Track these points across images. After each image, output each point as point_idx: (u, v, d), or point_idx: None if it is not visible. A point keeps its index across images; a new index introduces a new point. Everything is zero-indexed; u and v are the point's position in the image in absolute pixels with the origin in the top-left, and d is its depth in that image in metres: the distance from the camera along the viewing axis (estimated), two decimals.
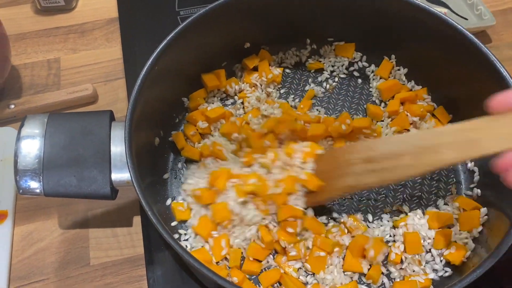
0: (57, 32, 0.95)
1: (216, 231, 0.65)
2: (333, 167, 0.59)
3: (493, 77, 0.65)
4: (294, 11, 0.78)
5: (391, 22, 0.75)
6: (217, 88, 0.80)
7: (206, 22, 0.71)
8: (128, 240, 0.70)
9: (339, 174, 0.57)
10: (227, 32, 0.77)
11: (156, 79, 0.67)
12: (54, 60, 0.91)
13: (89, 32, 0.95)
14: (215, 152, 0.71)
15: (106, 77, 0.88)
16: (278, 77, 0.81)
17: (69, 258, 0.69)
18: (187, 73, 0.77)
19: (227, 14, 0.73)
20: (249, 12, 0.75)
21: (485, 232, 0.64)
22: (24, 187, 0.57)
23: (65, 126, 0.61)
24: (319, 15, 0.79)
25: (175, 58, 0.70)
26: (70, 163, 0.59)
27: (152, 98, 0.70)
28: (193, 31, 0.70)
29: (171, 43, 0.67)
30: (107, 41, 0.93)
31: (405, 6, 0.72)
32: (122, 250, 0.70)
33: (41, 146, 0.59)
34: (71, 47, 0.93)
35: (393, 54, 0.81)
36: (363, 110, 0.79)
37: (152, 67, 0.66)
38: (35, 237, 0.70)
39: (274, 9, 0.77)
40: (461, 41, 0.68)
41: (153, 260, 0.67)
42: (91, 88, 0.84)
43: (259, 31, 0.80)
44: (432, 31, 0.72)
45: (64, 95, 0.83)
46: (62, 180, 0.58)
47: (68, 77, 0.88)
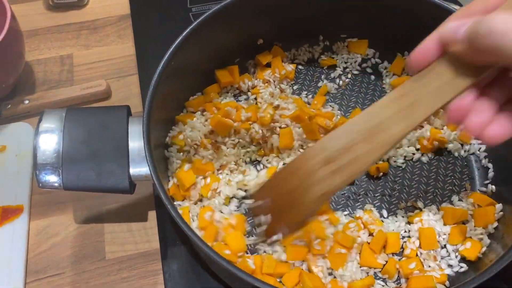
0: (69, 28, 0.95)
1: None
2: (295, 184, 0.52)
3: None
4: (307, 8, 0.78)
5: (404, 18, 0.75)
6: (231, 84, 0.80)
7: (220, 19, 0.71)
8: (143, 234, 0.71)
9: (304, 188, 0.51)
10: (240, 29, 0.77)
11: (172, 75, 0.68)
12: (66, 56, 0.91)
13: (101, 28, 0.95)
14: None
15: (119, 73, 0.89)
16: (291, 73, 0.81)
17: (84, 252, 0.69)
18: (200, 69, 0.77)
19: (240, 11, 0.73)
20: (262, 9, 0.76)
21: (500, 228, 0.64)
22: (44, 181, 0.58)
23: (83, 121, 0.62)
24: (331, 12, 0.79)
25: (190, 54, 0.70)
26: (88, 157, 0.60)
27: (167, 93, 0.70)
28: (207, 28, 0.70)
29: (187, 38, 0.67)
30: (119, 37, 0.94)
31: (417, 1, 0.72)
32: (137, 244, 0.70)
33: (59, 141, 0.59)
34: (84, 43, 0.93)
35: (406, 51, 0.81)
36: None
37: (169, 62, 0.66)
38: (50, 232, 0.71)
39: (286, 6, 0.77)
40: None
41: (168, 254, 0.68)
42: (105, 84, 0.84)
43: (271, 27, 0.80)
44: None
45: (78, 90, 0.84)
46: (81, 174, 0.58)
47: (81, 73, 0.89)
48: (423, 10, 0.72)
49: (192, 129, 0.72)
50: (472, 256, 0.63)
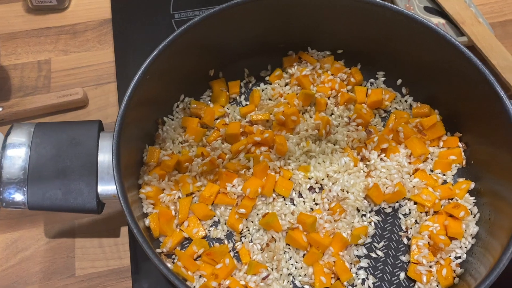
0: (49, 32, 0.93)
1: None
2: None
3: (489, 94, 0.65)
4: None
5: (385, 34, 0.75)
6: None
7: (191, 35, 0.70)
8: (115, 251, 0.69)
9: None
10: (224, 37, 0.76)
11: (147, 88, 0.66)
12: (44, 62, 0.89)
13: (81, 33, 0.93)
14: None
15: (97, 80, 0.87)
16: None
17: (54, 268, 0.68)
18: (177, 82, 0.75)
19: (224, 20, 0.72)
20: (252, 17, 0.74)
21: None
22: (8, 200, 0.56)
23: (52, 136, 0.60)
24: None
25: (166, 67, 0.69)
26: (56, 175, 0.58)
27: (143, 108, 0.69)
28: (179, 45, 0.68)
29: (162, 52, 0.66)
30: (99, 43, 0.92)
31: (398, 16, 0.71)
32: (108, 261, 0.68)
33: (26, 157, 0.58)
34: (63, 49, 0.91)
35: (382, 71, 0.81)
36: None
37: (144, 76, 0.65)
38: (19, 246, 0.69)
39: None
40: (455, 55, 0.68)
41: (139, 272, 0.66)
42: (82, 92, 0.82)
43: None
44: (426, 44, 0.71)
45: (54, 98, 0.82)
46: (48, 193, 0.57)
47: (58, 80, 0.87)
48: (404, 26, 0.71)
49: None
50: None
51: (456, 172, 0.73)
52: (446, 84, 0.74)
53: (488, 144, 0.69)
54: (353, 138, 0.74)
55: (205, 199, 0.68)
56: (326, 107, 0.78)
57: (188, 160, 0.71)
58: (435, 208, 0.69)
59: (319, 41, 0.82)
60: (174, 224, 0.67)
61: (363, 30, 0.77)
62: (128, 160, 0.64)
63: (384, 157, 0.73)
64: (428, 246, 0.66)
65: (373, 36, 0.77)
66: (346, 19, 0.76)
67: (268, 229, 0.67)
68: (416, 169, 0.72)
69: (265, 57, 0.83)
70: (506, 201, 0.62)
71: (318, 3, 0.74)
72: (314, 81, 0.80)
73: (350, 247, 0.66)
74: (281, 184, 0.70)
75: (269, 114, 0.76)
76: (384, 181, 0.70)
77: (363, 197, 0.70)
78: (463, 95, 0.71)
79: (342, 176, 0.72)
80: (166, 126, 0.75)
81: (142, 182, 0.68)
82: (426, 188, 0.70)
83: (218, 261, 0.64)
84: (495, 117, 0.65)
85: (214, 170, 0.71)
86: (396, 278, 0.66)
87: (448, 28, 0.90)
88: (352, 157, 0.73)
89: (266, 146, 0.73)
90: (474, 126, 0.72)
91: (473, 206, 0.69)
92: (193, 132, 0.74)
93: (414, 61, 0.76)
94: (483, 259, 0.62)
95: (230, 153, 0.73)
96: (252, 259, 0.65)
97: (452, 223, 0.67)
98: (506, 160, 0.63)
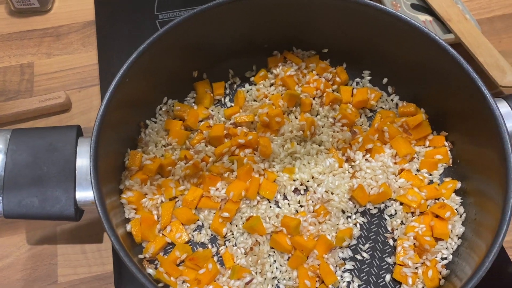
0: (31, 35, 0.92)
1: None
2: None
3: (474, 93, 0.64)
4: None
5: (370, 33, 0.74)
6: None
7: (172, 37, 0.69)
8: (97, 256, 0.68)
9: None
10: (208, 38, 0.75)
11: (128, 91, 0.65)
12: (27, 65, 0.88)
13: (64, 35, 0.92)
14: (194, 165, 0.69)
15: (80, 83, 0.86)
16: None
17: (36, 275, 0.67)
18: (160, 84, 0.74)
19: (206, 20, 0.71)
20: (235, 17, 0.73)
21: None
22: None
23: (28, 143, 0.59)
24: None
25: (148, 69, 0.68)
26: (32, 183, 0.57)
27: (124, 111, 0.68)
28: (159, 49, 0.68)
29: (142, 55, 0.65)
30: (83, 45, 0.91)
31: (382, 15, 0.70)
32: (91, 267, 0.68)
33: (2, 164, 0.57)
34: (46, 51, 0.90)
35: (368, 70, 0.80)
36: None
37: (123, 80, 0.64)
38: (0, 253, 0.68)
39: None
40: (440, 54, 0.67)
41: (122, 278, 0.65)
42: (64, 96, 0.81)
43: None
44: (411, 43, 0.70)
45: (36, 103, 0.80)
46: (24, 201, 0.56)
47: (41, 83, 0.86)
48: (388, 24, 0.70)
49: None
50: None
51: (442, 172, 0.72)
52: (432, 83, 0.73)
53: (474, 143, 0.68)
54: (338, 138, 0.73)
55: (188, 203, 0.67)
56: (311, 108, 0.77)
57: (171, 164, 0.70)
58: (421, 208, 0.68)
59: (304, 41, 0.81)
60: (157, 229, 0.66)
61: (348, 29, 0.76)
62: (108, 165, 0.63)
63: (369, 158, 0.72)
64: (414, 247, 0.65)
65: (358, 35, 0.76)
66: (331, 18, 0.75)
67: (252, 232, 0.66)
68: (402, 169, 0.71)
69: (250, 58, 0.82)
70: (491, 200, 0.62)
71: (302, 2, 0.73)
72: (299, 81, 0.79)
73: (335, 250, 0.66)
74: (265, 187, 0.69)
75: (253, 116, 0.75)
76: (369, 182, 0.69)
77: (348, 199, 0.69)
78: (448, 93, 0.70)
79: (327, 177, 0.71)
80: (149, 129, 0.74)
81: (123, 187, 0.67)
82: (412, 188, 0.69)
83: (201, 266, 0.63)
84: (480, 115, 0.64)
85: (197, 173, 0.70)
86: (382, 281, 0.65)
87: (435, 25, 0.89)
88: (337, 158, 0.72)
89: (250, 148, 0.72)
90: (460, 124, 0.71)
91: (459, 206, 0.69)
92: (176, 135, 0.73)
93: (400, 59, 0.75)
94: (469, 260, 0.62)
95: (214, 156, 0.72)
96: (235, 263, 0.65)
97: (438, 223, 0.66)
98: (492, 159, 0.62)
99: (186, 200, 0.67)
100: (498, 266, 0.67)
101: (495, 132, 0.61)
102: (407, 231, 0.66)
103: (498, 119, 0.61)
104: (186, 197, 0.67)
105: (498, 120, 0.61)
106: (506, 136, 0.60)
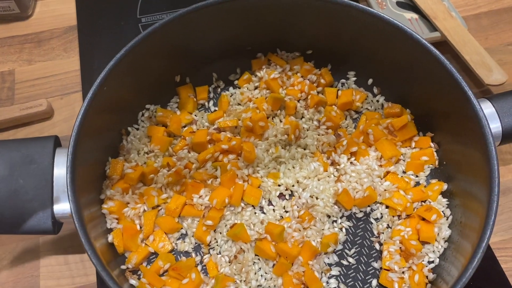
0: (12, 41, 0.90)
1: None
2: None
3: (458, 93, 0.63)
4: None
5: (354, 34, 0.73)
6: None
7: (151, 44, 0.67)
8: (81, 267, 0.67)
9: None
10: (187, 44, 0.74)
11: (108, 99, 0.64)
12: (8, 73, 0.86)
13: (46, 41, 0.90)
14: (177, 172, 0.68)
15: (63, 90, 0.85)
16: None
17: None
18: (142, 90, 0.73)
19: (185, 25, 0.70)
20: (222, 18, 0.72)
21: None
22: None
23: (4, 155, 0.58)
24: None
25: (128, 75, 0.67)
26: (8, 196, 0.56)
27: (104, 119, 0.67)
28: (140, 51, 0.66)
29: (120, 62, 0.64)
30: (64, 51, 0.89)
31: (364, 16, 0.69)
32: (74, 278, 0.67)
33: None
34: (27, 58, 0.88)
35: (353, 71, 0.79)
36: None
37: (100, 88, 0.62)
38: None
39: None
40: (423, 54, 0.66)
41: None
42: (45, 103, 0.80)
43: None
44: (395, 43, 0.69)
45: (17, 111, 0.79)
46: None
47: (23, 91, 0.84)
48: (369, 24, 0.69)
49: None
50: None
51: (429, 173, 0.72)
52: (417, 83, 0.72)
53: (460, 144, 0.67)
54: (323, 142, 0.72)
55: (171, 211, 0.66)
56: (296, 111, 0.76)
57: (153, 172, 0.69)
58: (407, 211, 0.67)
59: (288, 42, 0.80)
60: (139, 238, 0.65)
61: (332, 30, 0.75)
62: (88, 175, 0.62)
63: (354, 161, 0.71)
64: (400, 251, 0.64)
65: (342, 35, 0.75)
66: (314, 19, 0.74)
67: (236, 240, 0.65)
68: (388, 172, 0.71)
69: (234, 60, 0.81)
70: (476, 201, 0.61)
71: (285, 4, 0.72)
72: (284, 84, 0.78)
73: (320, 256, 0.65)
74: (249, 193, 0.69)
75: (237, 120, 0.74)
76: (354, 185, 0.69)
77: (333, 203, 0.68)
78: (433, 94, 0.69)
79: (312, 181, 0.70)
80: (131, 136, 0.73)
81: (104, 197, 0.66)
82: (398, 191, 0.69)
83: (184, 276, 0.62)
84: (465, 117, 0.63)
85: (180, 181, 0.69)
86: (368, 286, 0.64)
87: (421, 23, 0.88)
88: (322, 162, 0.71)
89: (234, 154, 0.71)
90: (446, 125, 0.70)
91: (445, 208, 0.68)
92: (159, 142, 0.72)
93: (385, 60, 0.74)
94: (456, 263, 0.61)
95: (197, 162, 0.71)
96: (219, 272, 0.64)
97: (424, 226, 0.66)
98: (476, 159, 0.62)
99: (169, 208, 0.66)
100: (486, 268, 0.67)
101: (479, 133, 0.60)
102: (393, 235, 0.66)
103: (481, 120, 0.60)
104: (169, 205, 0.66)
105: (482, 122, 0.60)
106: (490, 137, 0.59)
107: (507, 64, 0.86)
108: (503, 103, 0.66)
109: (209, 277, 0.64)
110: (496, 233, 0.71)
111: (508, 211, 0.73)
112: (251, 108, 0.75)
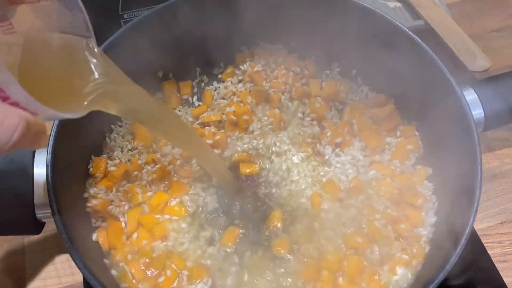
0: None
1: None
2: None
3: (441, 81, 0.63)
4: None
5: (336, 24, 0.72)
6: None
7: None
8: (67, 267, 0.67)
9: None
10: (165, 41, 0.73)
11: None
12: None
13: None
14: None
15: None
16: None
17: None
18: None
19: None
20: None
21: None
22: None
23: None
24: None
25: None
26: None
27: (85, 117, 0.66)
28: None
29: None
30: None
31: (348, 6, 0.69)
32: (60, 278, 0.66)
33: None
34: None
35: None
36: None
37: None
38: None
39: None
40: (406, 42, 0.66)
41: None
42: None
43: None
44: (377, 33, 0.69)
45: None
46: None
47: None
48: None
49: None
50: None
51: (414, 162, 0.71)
52: (401, 73, 0.71)
53: (443, 132, 0.67)
54: (307, 133, 0.72)
55: (154, 208, 0.66)
56: (280, 103, 0.76)
57: (137, 169, 0.68)
58: (393, 199, 0.67)
59: (271, 35, 0.79)
60: (125, 236, 0.65)
61: (315, 21, 0.74)
62: (70, 174, 0.62)
63: (339, 152, 0.71)
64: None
65: (326, 27, 0.74)
66: (297, 10, 0.73)
67: None
68: (373, 161, 0.70)
69: (217, 54, 0.80)
70: (461, 186, 0.61)
71: None
72: (267, 76, 0.78)
73: None
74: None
75: (221, 114, 0.74)
76: (340, 176, 0.68)
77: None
78: (417, 82, 0.69)
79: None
80: (114, 133, 0.72)
81: (88, 196, 0.65)
82: (384, 179, 0.68)
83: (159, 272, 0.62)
84: (447, 103, 0.63)
85: (165, 177, 0.68)
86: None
87: (404, 11, 0.88)
88: (307, 154, 0.71)
89: (219, 149, 0.71)
90: (430, 113, 0.69)
91: (432, 194, 0.68)
92: (143, 138, 0.71)
93: (368, 49, 0.74)
94: (441, 249, 0.61)
95: (182, 158, 0.70)
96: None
97: (412, 212, 0.65)
98: (460, 145, 0.62)
99: (151, 205, 0.66)
100: (473, 254, 0.68)
101: (461, 120, 0.61)
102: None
103: (464, 107, 0.60)
104: (151, 202, 0.66)
105: (464, 108, 0.60)
106: (473, 124, 0.59)
107: (492, 51, 0.86)
108: (486, 89, 0.65)
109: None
110: (482, 219, 0.71)
111: (494, 197, 0.73)
112: (235, 102, 0.75)
